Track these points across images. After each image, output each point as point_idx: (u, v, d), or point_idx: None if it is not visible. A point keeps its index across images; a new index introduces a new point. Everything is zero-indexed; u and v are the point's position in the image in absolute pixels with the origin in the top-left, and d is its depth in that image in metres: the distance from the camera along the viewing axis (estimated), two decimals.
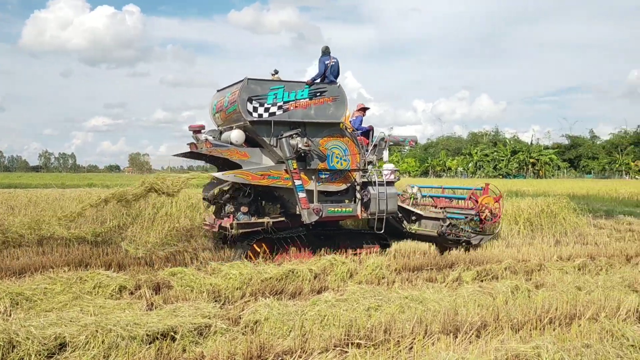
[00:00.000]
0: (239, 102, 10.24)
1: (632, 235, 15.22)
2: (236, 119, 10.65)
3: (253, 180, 10.35)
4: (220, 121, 11.61)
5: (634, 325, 6.00)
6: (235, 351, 5.18)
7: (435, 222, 12.13)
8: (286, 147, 10.37)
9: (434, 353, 4.89)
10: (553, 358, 4.56)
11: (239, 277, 8.24)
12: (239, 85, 10.43)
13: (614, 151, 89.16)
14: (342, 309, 6.53)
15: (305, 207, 10.56)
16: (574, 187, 37.53)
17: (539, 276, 9.25)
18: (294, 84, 10.70)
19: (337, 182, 11.18)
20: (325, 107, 10.84)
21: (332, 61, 11.01)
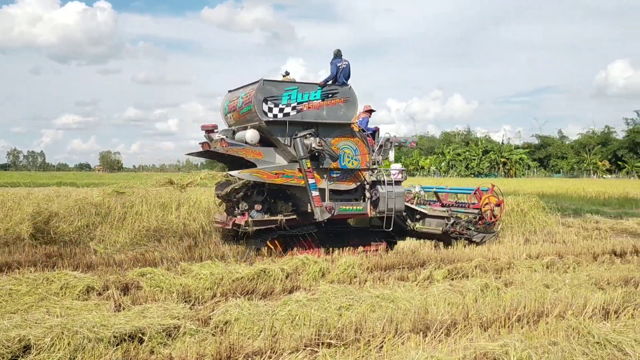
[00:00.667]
0: (255, 103, 10.50)
1: (598, 233, 15.54)
2: (250, 119, 10.92)
3: (268, 178, 10.65)
4: (232, 121, 11.84)
5: (600, 322, 6.10)
6: (205, 352, 5.13)
7: (439, 221, 12.62)
8: (300, 147, 10.71)
9: (403, 352, 4.91)
10: (520, 356, 4.61)
11: (210, 277, 8.16)
12: (254, 86, 10.69)
13: (582, 151, 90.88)
14: (314, 308, 6.50)
15: (318, 205, 10.90)
16: (543, 186, 38.14)
17: (509, 274, 9.35)
18: (307, 86, 11.02)
19: (347, 181, 11.56)
20: (336, 108, 11.20)
21: (343, 64, 11.36)
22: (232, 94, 12.00)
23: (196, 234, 12.25)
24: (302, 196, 11.21)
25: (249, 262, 9.88)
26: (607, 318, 6.45)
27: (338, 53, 11.52)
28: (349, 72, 11.45)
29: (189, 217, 13.33)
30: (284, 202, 11.34)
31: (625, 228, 16.88)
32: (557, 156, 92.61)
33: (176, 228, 12.61)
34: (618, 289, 7.75)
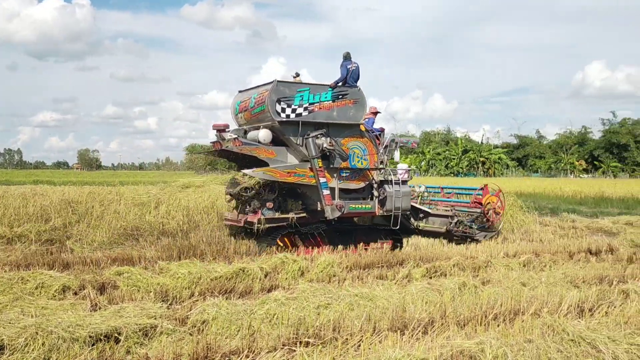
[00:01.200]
0: (268, 103, 10.76)
1: (575, 232, 15.75)
2: (263, 118, 11.18)
3: (280, 177, 10.94)
4: (243, 121, 12.08)
5: (575, 320, 6.17)
6: (181, 352, 5.09)
7: (443, 219, 13.00)
8: (312, 147, 11.00)
9: (381, 350, 4.92)
10: (496, 353, 4.65)
11: (188, 277, 8.11)
12: (268, 87, 10.97)
13: (559, 151, 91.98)
14: (292, 307, 6.50)
15: (329, 203, 11.21)
16: (521, 185, 38.52)
17: (486, 273, 9.43)
18: (318, 87, 11.30)
19: (356, 180, 11.87)
20: (346, 109, 11.50)
21: (353, 66, 11.65)
22: (242, 94, 12.25)
23: (175, 233, 12.16)
24: (312, 194, 11.52)
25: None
26: (582, 316, 6.54)
27: (348, 55, 11.79)
28: (358, 74, 11.74)
29: (167, 216, 13.26)
30: (294, 200, 11.61)
31: (600, 227, 17.13)
32: (535, 156, 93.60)
33: (154, 227, 12.52)
34: (593, 287, 7.86)
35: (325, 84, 11.43)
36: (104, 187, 17.26)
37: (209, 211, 14.14)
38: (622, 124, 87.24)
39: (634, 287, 7.83)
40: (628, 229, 16.46)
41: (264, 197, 11.11)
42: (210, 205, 14.51)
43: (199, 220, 13.31)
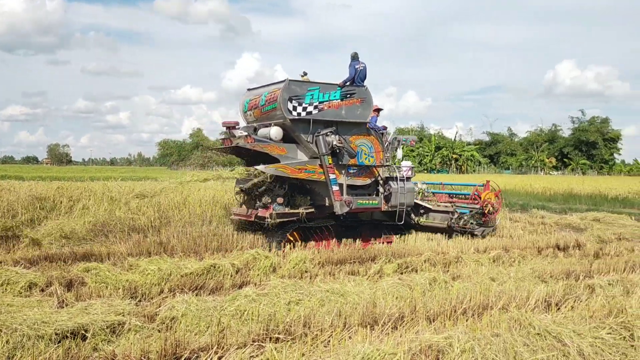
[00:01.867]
0: (280, 101, 11.02)
1: (543, 228, 16.02)
2: (273, 116, 11.44)
3: (292, 173, 11.19)
4: (252, 118, 12.29)
5: (542, 314, 6.27)
6: (149, 349, 5.03)
7: (444, 215, 13.44)
8: (323, 144, 11.34)
9: (350, 345, 4.93)
10: (464, 347, 4.69)
11: (158, 273, 8.03)
12: (279, 86, 11.23)
13: (530, 148, 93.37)
14: (263, 303, 6.48)
15: (338, 199, 11.54)
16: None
17: (456, 268, 9.53)
18: (328, 86, 11.59)
19: (362, 177, 12.26)
20: (354, 107, 11.87)
21: (360, 66, 11.96)
22: (252, 92, 12.52)
23: (145, 229, 12.02)
24: (320, 190, 11.82)
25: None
26: (548, 310, 6.64)
27: (355, 56, 12.09)
28: (365, 74, 12.03)
29: (138, 212, 13.10)
30: (302, 196, 11.90)
31: (569, 223, 17.45)
32: (506, 153, 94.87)
33: (125, 223, 12.36)
34: (560, 282, 8.00)
35: (334, 83, 11.73)
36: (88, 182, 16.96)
37: (181, 207, 14.04)
38: (591, 122, 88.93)
39: (599, 282, 7.99)
40: (595, 225, 16.80)
41: (275, 193, 11.40)
42: (182, 201, 14.40)
43: (170, 216, 13.19)
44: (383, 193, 12.53)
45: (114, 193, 14.54)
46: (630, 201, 25.88)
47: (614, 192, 28.03)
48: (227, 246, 10.86)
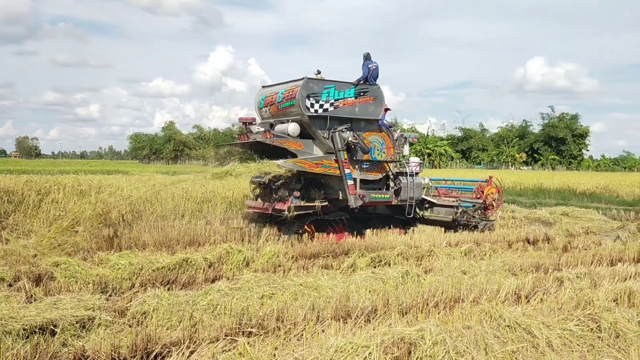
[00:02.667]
0: (299, 99, 11.48)
1: (514, 222, 16.26)
2: (291, 113, 11.90)
3: (309, 168, 11.67)
4: (268, 114, 12.73)
5: (512, 306, 6.37)
6: (120, 344, 4.96)
7: (448, 209, 13.87)
8: (339, 140, 11.86)
9: (323, 339, 4.94)
10: (435, 340, 4.73)
11: (129, 268, 7.93)
12: (298, 83, 11.69)
13: (501, 143, 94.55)
14: (236, 297, 6.46)
15: (353, 193, 12.06)
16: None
17: (429, 262, 9.61)
18: (343, 84, 12.09)
19: (374, 172, 12.80)
20: (367, 105, 12.43)
21: (373, 65, 12.54)
22: (267, 89, 12.99)
23: (116, 223, 11.85)
24: (334, 184, 12.36)
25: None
26: (518, 302, 6.74)
27: (368, 56, 12.64)
28: (377, 73, 12.58)
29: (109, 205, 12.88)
30: (317, 189, 12.26)
31: (538, 217, 17.75)
32: (478, 148, 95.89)
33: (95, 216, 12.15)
34: (529, 275, 8.13)
35: (349, 82, 12.23)
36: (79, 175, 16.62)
37: (153, 201, 13.87)
38: (560, 118, 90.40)
39: (567, 274, 8.13)
40: (564, 219, 17.12)
41: (291, 187, 11.78)
42: (154, 194, 14.22)
43: (142, 210, 13.03)
44: (393, 187, 13.11)
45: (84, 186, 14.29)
46: (597, 196, 26.41)
47: (582, 187, 28.58)
48: (199, 240, 10.77)
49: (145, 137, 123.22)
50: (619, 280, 7.94)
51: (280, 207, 11.58)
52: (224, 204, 15.01)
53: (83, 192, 13.70)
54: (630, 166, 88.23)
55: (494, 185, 14.56)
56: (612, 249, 11.06)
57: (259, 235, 11.57)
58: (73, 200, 12.93)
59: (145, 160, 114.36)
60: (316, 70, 12.40)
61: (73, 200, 12.93)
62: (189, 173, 12.53)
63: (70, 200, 13.04)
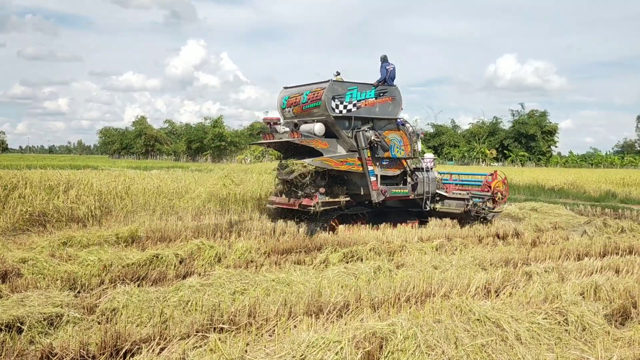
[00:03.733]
0: (325, 100, 12.16)
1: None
2: (316, 113, 12.55)
3: (335, 165, 12.37)
4: (291, 114, 13.33)
5: (482, 300, 6.46)
6: (89, 341, 4.89)
7: (459, 202, 14.58)
8: (362, 139, 12.58)
9: (295, 334, 4.93)
10: (406, 334, 4.77)
11: (98, 264, 7.82)
12: (323, 85, 12.38)
13: (472, 140, 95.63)
14: (207, 293, 6.41)
15: (375, 188, 12.78)
16: None
17: (400, 257, 9.67)
18: (364, 86, 12.85)
19: (393, 168, 13.53)
20: (386, 105, 13.21)
21: (390, 67, 13.33)
22: (289, 90, 13.57)
23: (85, 219, 11.68)
24: (356, 180, 13.04)
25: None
26: (488, 296, 6.84)
27: (385, 58, 13.43)
28: (394, 75, 13.37)
29: (77, 201, 12.69)
30: (339, 185, 12.95)
31: (508, 212, 17.97)
32: (449, 144, 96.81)
33: (63, 212, 11.96)
34: (499, 269, 8.24)
35: (369, 83, 12.97)
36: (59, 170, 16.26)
37: (123, 196, 13.69)
38: (530, 115, 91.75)
39: (536, 269, 8.27)
40: (533, 215, 17.39)
41: (317, 183, 12.34)
42: (125, 190, 14.04)
43: (112, 205, 12.84)
44: (410, 182, 13.79)
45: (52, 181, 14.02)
46: (565, 192, 26.90)
47: (551, 182, 29.06)
48: (170, 236, 10.66)
49: (116, 131, 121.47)
50: (585, 275, 8.10)
51: (308, 202, 12.15)
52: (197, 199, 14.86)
53: (51, 187, 13.44)
54: (597, 162, 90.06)
55: (499, 178, 15.19)
56: (579, 243, 11.28)
57: (231, 231, 11.51)
58: (40, 196, 12.69)
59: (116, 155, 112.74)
60: (335, 72, 12.95)
61: (40, 196, 12.69)
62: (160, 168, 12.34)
63: (37, 196, 12.80)
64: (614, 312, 6.33)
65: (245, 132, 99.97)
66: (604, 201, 23.40)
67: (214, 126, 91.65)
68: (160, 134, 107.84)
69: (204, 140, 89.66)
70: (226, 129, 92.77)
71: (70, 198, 12.84)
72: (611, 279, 7.36)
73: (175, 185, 15.62)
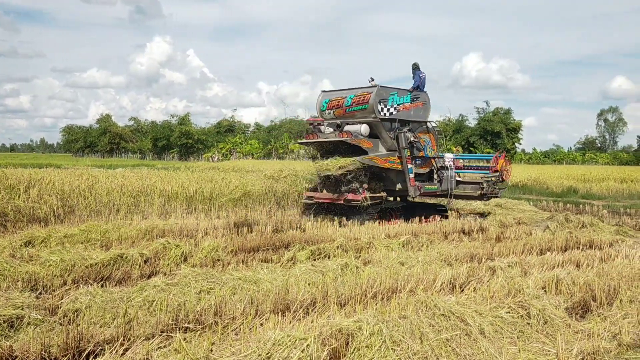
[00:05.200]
0: (373, 104, 13.60)
1: (450, 213, 16.64)
2: (361, 116, 13.97)
3: (380, 163, 13.70)
4: (331, 116, 14.61)
5: (447, 295, 6.54)
6: (50, 343, 4.79)
7: (473, 186, 16.16)
8: (403, 139, 13.99)
9: (261, 332, 4.92)
10: (372, 330, 4.80)
11: (60, 264, 7.64)
12: (369, 90, 13.88)
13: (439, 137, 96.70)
14: (172, 293, 6.34)
15: (413, 185, 14.19)
16: None
17: (368, 253, 9.72)
18: (402, 91, 14.37)
19: (424, 167, 14.92)
20: (418, 109, 14.79)
21: (422, 74, 14.96)
22: (329, 94, 14.87)
23: (47, 219, 11.43)
24: (393, 177, 14.32)
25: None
26: (453, 292, 6.93)
27: (417, 66, 15.04)
28: (425, 82, 14.98)
29: (39, 200, 12.41)
30: (377, 182, 14.10)
31: (473, 208, 18.25)
32: None
33: (24, 212, 11.68)
34: (464, 265, 8.36)
35: (406, 89, 14.48)
36: None
37: (87, 195, 13.44)
38: (495, 112, 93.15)
39: (500, 264, 8.41)
40: (497, 210, 17.68)
41: (361, 180, 13.39)
42: (88, 188, 13.79)
43: (74, 204, 12.60)
44: (437, 179, 15.11)
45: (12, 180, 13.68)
46: (529, 188, 27.44)
47: (515, 179, 29.52)
48: (135, 235, 10.50)
49: (79, 129, 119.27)
50: (547, 269, 8.27)
51: (353, 197, 13.22)
52: (162, 198, 14.71)
53: (11, 186, 13.11)
54: (559, 159, 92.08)
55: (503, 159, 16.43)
56: (541, 238, 11.52)
57: (197, 230, 11.40)
58: (0, 196, 12.37)
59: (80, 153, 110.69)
60: (370, 78, 14.36)
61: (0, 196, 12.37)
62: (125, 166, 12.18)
63: None
64: (574, 305, 6.49)
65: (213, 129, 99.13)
66: (565, 197, 23.97)
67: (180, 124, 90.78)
68: (125, 131, 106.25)
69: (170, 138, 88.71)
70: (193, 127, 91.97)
71: (31, 197, 12.54)
72: (572, 273, 7.53)
73: (140, 183, 15.40)
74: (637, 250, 10.13)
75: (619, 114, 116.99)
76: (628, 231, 13.94)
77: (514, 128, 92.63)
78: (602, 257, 9.42)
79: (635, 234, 13.86)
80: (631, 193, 24.53)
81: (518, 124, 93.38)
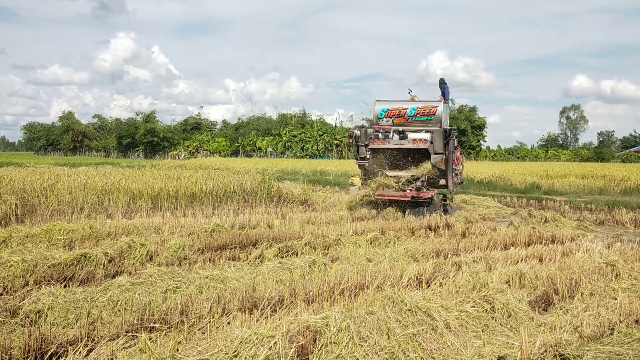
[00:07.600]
0: (441, 116, 15.79)
1: (417, 210, 16.80)
2: (423, 124, 15.90)
3: (441, 165, 15.86)
4: (389, 124, 16.16)
5: (413, 291, 6.60)
6: (12, 345, 4.67)
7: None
8: (452, 145, 15.85)
9: (228, 331, 4.89)
10: (340, 326, 4.81)
11: (22, 265, 7.45)
12: (435, 104, 16.03)
13: None
14: (137, 292, 6.26)
15: (453, 182, 16.57)
16: None
17: (335, 250, 9.74)
18: (445, 105, 16.35)
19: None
20: (448, 118, 16.83)
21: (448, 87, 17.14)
22: (385, 103, 16.52)
23: (7, 218, 11.14)
24: (436, 177, 16.16)
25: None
26: (419, 287, 6.99)
27: (444, 81, 17.28)
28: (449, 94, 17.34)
29: None
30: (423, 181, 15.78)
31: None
32: None
33: None
34: (430, 260, 8.45)
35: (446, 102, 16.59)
36: None
37: (49, 194, 13.14)
38: (460, 110, 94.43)
39: (465, 259, 8.53)
40: (463, 207, 17.93)
41: (422, 179, 15.34)
42: (50, 187, 13.48)
43: (36, 204, 12.30)
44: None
45: None
46: (493, 184, 27.89)
47: (480, 175, 30.05)
48: (99, 234, 10.32)
49: (41, 127, 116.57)
50: (511, 264, 8.43)
51: (424, 195, 15.08)
52: (127, 196, 14.48)
53: None
54: (523, 156, 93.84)
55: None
56: (505, 234, 11.72)
57: (163, 229, 11.26)
58: None
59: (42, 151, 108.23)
60: (409, 89, 16.62)
61: None
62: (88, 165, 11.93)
63: None
64: (537, 299, 6.63)
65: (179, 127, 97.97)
66: (529, 193, 24.42)
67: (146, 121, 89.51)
68: (88, 129, 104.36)
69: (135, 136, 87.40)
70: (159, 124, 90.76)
71: None
72: (535, 267, 7.69)
73: (105, 181, 15.13)
74: (597, 244, 10.40)
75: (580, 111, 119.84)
76: (589, 226, 14.31)
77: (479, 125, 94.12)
78: (564, 252, 9.64)
79: (596, 228, 14.23)
80: (592, 189, 25.13)
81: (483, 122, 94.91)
